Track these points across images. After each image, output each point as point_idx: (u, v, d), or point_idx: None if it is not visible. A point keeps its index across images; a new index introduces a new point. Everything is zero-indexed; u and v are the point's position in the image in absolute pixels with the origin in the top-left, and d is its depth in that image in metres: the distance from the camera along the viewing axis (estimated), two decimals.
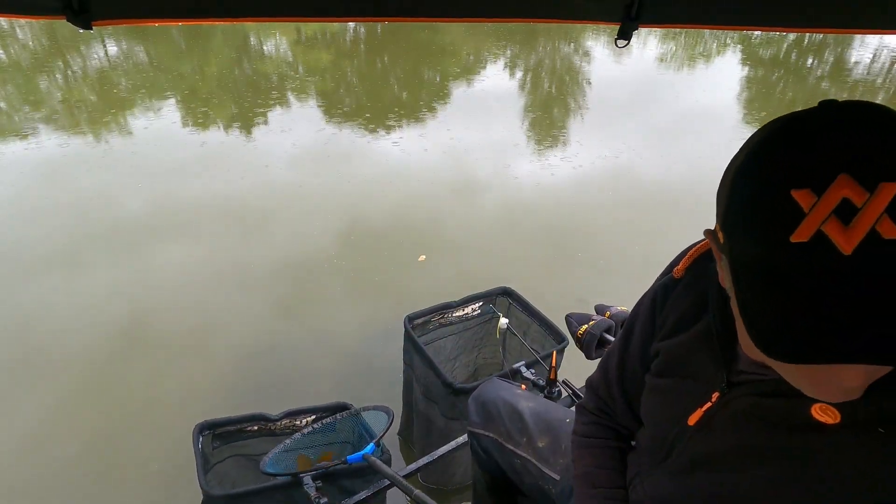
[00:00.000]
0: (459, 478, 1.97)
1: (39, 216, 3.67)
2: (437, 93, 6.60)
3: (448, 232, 3.67)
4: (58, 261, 3.21)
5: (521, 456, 1.14)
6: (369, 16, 0.95)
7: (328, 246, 3.44)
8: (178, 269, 3.19)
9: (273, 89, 6.42)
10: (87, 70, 6.97)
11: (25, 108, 5.64)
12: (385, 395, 2.36)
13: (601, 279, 3.09)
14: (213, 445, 1.60)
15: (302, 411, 1.71)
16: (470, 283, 2.74)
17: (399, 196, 4.08)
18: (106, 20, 0.80)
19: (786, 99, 6.96)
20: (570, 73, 7.90)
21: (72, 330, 2.71)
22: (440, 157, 4.76)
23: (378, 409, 1.58)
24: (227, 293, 3.00)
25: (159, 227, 3.60)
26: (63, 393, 2.37)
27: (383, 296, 3.02)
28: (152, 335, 2.70)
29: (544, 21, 1.03)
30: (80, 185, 4.09)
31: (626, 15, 1.02)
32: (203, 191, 4.07)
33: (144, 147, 4.78)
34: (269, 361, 2.57)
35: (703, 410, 0.68)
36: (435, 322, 2.05)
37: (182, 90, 6.32)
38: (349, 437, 1.62)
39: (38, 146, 4.68)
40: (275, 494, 1.41)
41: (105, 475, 2.05)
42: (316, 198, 4.03)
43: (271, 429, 1.69)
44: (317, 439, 1.57)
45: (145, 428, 2.23)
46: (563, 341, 1.84)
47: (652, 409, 0.80)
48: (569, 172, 4.53)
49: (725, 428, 0.66)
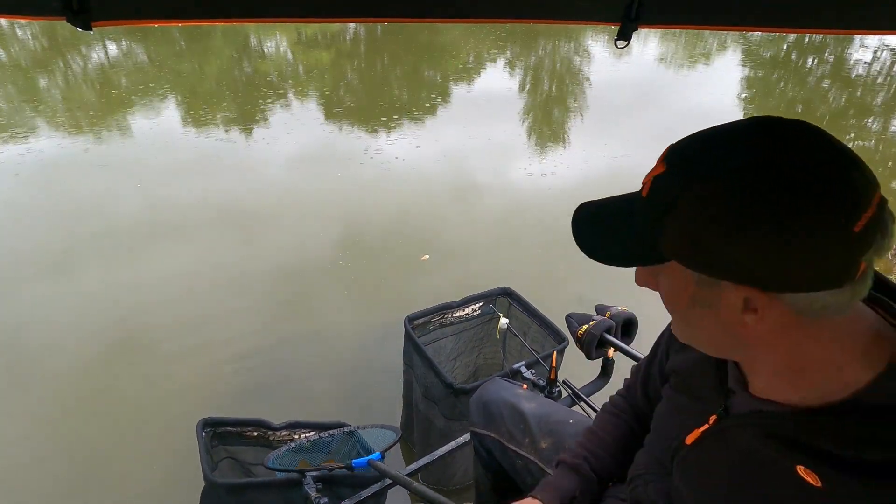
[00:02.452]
0: (460, 478, 1.97)
1: (34, 219, 3.67)
2: (437, 94, 6.61)
3: (448, 233, 3.67)
4: (57, 262, 3.21)
5: (524, 456, 1.14)
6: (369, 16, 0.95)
7: (328, 247, 3.44)
8: (178, 271, 3.19)
9: (273, 90, 6.43)
10: (79, 71, 6.97)
11: (24, 108, 5.64)
12: (385, 396, 2.36)
13: (601, 279, 3.09)
14: (211, 444, 1.60)
15: (303, 425, 1.70)
16: (470, 283, 2.74)
17: (399, 197, 4.08)
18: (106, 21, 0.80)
19: (786, 99, 6.96)
20: (570, 74, 7.91)
21: (68, 335, 2.69)
22: (440, 158, 4.76)
23: (385, 428, 1.58)
24: (227, 294, 3.00)
25: (158, 227, 3.60)
26: (58, 398, 2.36)
27: (383, 296, 3.02)
28: (150, 339, 2.70)
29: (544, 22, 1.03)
30: (75, 188, 4.08)
31: (626, 15, 1.02)
32: (202, 192, 4.07)
33: (142, 149, 4.78)
34: (269, 362, 2.56)
35: (700, 432, 0.68)
36: (435, 322, 2.05)
37: (181, 91, 6.32)
38: (350, 452, 1.62)
39: (29, 150, 4.68)
40: (276, 490, 1.42)
41: (103, 476, 2.05)
42: (316, 200, 4.03)
43: (270, 438, 1.69)
44: (321, 448, 1.57)
45: (143, 430, 2.23)
46: (564, 341, 1.84)
47: (658, 420, 0.82)
48: (569, 172, 4.53)
49: (716, 454, 0.65)
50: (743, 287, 0.48)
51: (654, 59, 8.68)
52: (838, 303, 0.47)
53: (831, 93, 7.34)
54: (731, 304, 0.50)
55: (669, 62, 8.62)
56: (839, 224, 0.43)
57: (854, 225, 0.43)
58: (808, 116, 6.25)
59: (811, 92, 7.31)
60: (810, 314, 0.48)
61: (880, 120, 6.32)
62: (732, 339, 0.54)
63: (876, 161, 5.34)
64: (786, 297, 0.47)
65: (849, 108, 6.66)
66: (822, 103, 6.88)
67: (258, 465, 1.69)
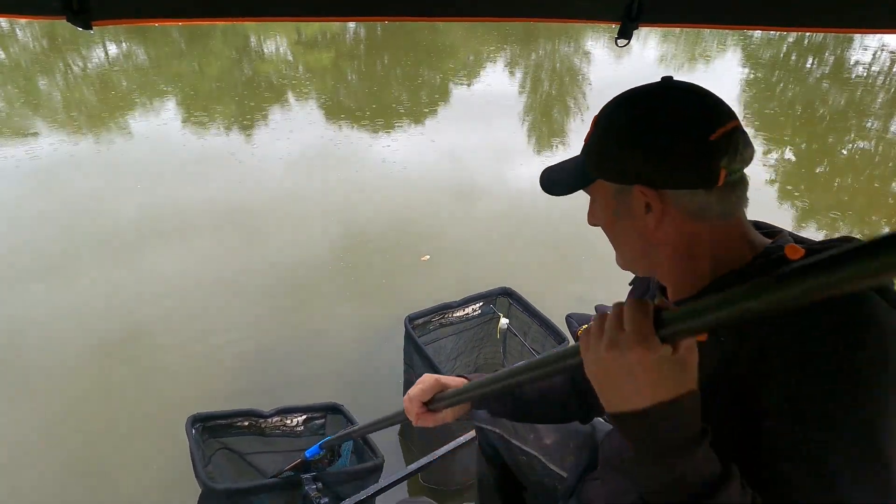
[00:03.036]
0: (460, 478, 1.97)
1: (34, 219, 3.67)
2: (437, 94, 6.61)
3: (448, 232, 3.67)
4: (56, 264, 3.21)
5: (528, 452, 1.15)
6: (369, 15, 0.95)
7: (329, 247, 3.44)
8: (177, 271, 3.19)
9: (273, 90, 6.43)
10: (78, 71, 6.97)
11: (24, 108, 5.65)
12: (385, 396, 2.36)
13: (601, 279, 3.09)
14: (203, 438, 1.60)
15: (293, 410, 1.71)
16: (470, 283, 2.74)
17: (399, 197, 4.08)
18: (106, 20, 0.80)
19: (786, 99, 6.96)
20: (570, 74, 7.91)
21: (67, 335, 2.69)
22: (440, 159, 4.77)
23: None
24: (227, 294, 3.00)
25: (157, 228, 3.60)
26: (57, 398, 2.36)
27: (384, 296, 3.02)
28: (149, 337, 2.70)
29: (544, 20, 1.04)
30: (74, 189, 4.08)
31: (626, 14, 1.02)
32: (202, 193, 4.07)
33: (141, 149, 4.78)
34: (269, 362, 2.56)
35: None
36: (435, 322, 2.05)
37: (180, 91, 6.32)
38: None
39: (28, 152, 4.68)
40: (276, 492, 1.42)
41: (100, 477, 2.05)
42: (316, 199, 4.03)
43: (261, 426, 1.69)
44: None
45: (141, 430, 2.22)
46: (564, 341, 1.84)
47: None
48: None
49: None
50: (639, 188, 0.63)
51: (654, 59, 8.69)
52: (710, 204, 0.62)
53: (831, 92, 7.35)
54: (638, 209, 0.64)
55: (669, 62, 8.63)
56: (696, 134, 0.59)
57: (709, 136, 0.59)
58: (808, 116, 6.25)
59: (811, 92, 7.31)
60: (693, 214, 0.62)
61: (880, 120, 6.32)
62: (646, 243, 0.67)
63: (876, 161, 5.35)
64: (670, 196, 0.62)
65: (848, 109, 6.66)
66: (821, 104, 6.89)
67: (253, 453, 1.70)
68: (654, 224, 0.63)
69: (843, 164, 5.25)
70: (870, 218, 4.25)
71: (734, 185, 0.62)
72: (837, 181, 4.91)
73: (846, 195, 4.60)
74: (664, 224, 0.63)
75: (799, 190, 4.63)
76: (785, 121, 6.04)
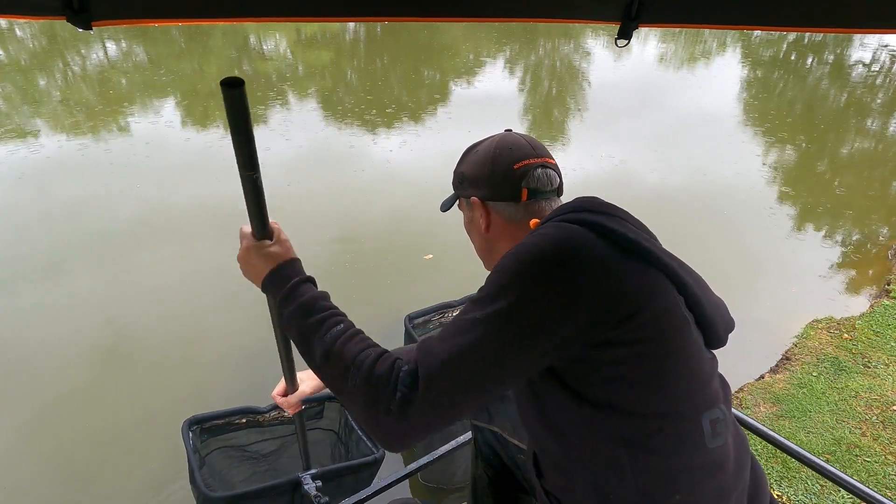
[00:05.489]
0: (460, 477, 1.97)
1: (28, 221, 3.67)
2: (437, 94, 6.61)
3: (449, 232, 3.66)
4: (50, 264, 3.21)
5: (525, 451, 1.14)
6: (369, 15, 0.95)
7: (329, 247, 3.44)
8: (176, 271, 3.19)
9: (273, 90, 6.42)
10: (78, 71, 6.97)
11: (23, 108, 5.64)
12: None
13: None
14: (200, 439, 1.59)
15: None
16: (470, 283, 2.73)
17: (399, 197, 4.08)
18: (106, 20, 0.80)
19: (785, 99, 6.96)
20: (570, 74, 7.91)
21: (61, 336, 2.68)
22: (441, 157, 4.76)
23: None
24: (225, 294, 2.99)
25: (156, 228, 3.60)
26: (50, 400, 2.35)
27: (384, 295, 3.02)
28: (146, 341, 2.69)
29: (544, 21, 1.04)
30: (68, 190, 4.07)
31: (626, 14, 1.02)
32: (201, 193, 4.07)
33: (141, 149, 4.78)
34: (268, 362, 2.55)
35: None
36: (435, 321, 2.06)
37: (180, 92, 6.32)
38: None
39: (27, 150, 4.68)
40: (276, 494, 1.41)
41: (97, 477, 2.05)
42: (316, 199, 4.03)
43: (259, 421, 1.69)
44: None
45: (139, 430, 2.22)
46: None
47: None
48: (569, 173, 4.53)
49: None
50: (475, 200, 0.88)
51: (653, 58, 8.69)
52: (517, 213, 0.86)
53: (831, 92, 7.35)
54: (476, 216, 0.89)
55: (669, 62, 8.62)
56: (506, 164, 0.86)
57: (513, 166, 0.85)
58: (808, 116, 6.25)
59: (811, 92, 7.31)
60: (508, 219, 0.87)
61: (880, 120, 6.32)
62: (487, 244, 0.91)
63: (876, 161, 5.35)
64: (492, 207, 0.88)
65: (848, 109, 6.66)
66: (821, 106, 6.88)
67: (253, 443, 1.70)
68: (485, 226, 0.88)
69: (843, 164, 5.25)
70: (870, 218, 4.25)
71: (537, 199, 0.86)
72: (837, 181, 4.92)
73: (846, 195, 4.60)
74: (492, 227, 0.88)
75: (799, 190, 4.63)
76: (782, 122, 6.04)
